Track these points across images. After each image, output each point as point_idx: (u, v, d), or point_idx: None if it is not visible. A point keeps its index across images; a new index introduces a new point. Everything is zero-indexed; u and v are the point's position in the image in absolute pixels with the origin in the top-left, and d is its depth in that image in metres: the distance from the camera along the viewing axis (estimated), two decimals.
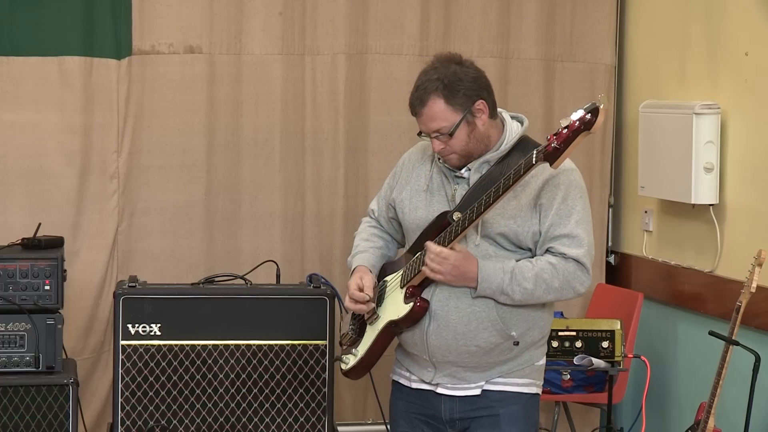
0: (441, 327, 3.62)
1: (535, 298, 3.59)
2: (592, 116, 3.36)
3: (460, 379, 3.68)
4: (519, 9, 5.34)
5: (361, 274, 3.78)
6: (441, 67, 3.60)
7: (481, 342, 3.61)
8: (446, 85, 3.56)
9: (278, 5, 5.12)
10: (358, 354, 3.84)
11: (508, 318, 3.61)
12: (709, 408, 4.24)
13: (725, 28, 4.78)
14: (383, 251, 3.90)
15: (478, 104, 3.59)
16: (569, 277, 3.58)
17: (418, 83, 3.62)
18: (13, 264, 4.43)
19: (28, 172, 4.94)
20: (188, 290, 4.56)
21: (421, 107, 3.59)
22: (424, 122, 3.61)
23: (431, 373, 3.70)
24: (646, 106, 5.08)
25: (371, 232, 3.94)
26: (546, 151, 3.40)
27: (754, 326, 4.47)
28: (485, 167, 3.62)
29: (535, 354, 3.72)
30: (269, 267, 4.82)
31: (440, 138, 3.59)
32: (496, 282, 3.55)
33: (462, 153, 3.61)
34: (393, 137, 5.27)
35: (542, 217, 3.59)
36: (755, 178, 4.62)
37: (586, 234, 3.61)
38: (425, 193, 3.72)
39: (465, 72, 3.60)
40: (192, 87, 5.07)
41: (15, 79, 4.91)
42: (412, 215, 3.73)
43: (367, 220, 3.99)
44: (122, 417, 4.48)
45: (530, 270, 3.56)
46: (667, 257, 5.11)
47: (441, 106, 3.57)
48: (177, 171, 5.09)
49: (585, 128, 3.37)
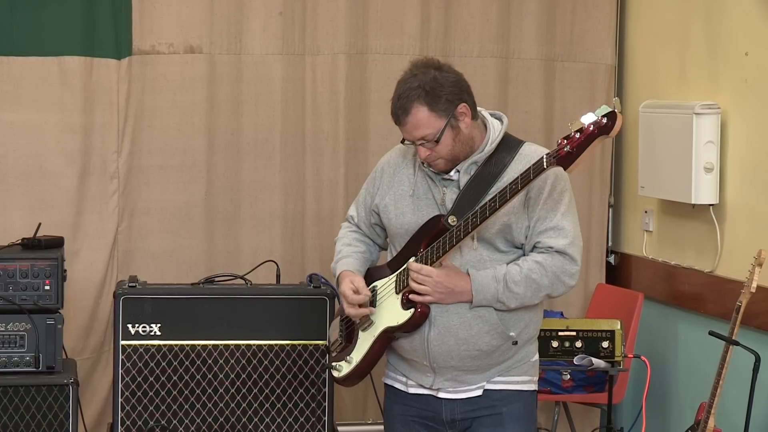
0: (442, 333, 3.60)
1: (528, 300, 3.59)
2: (609, 120, 3.34)
3: (461, 382, 3.67)
4: (519, 9, 5.34)
5: (351, 278, 3.75)
6: (420, 74, 3.58)
7: (483, 346, 3.60)
8: (428, 92, 3.54)
9: (278, 5, 5.12)
10: (352, 361, 3.78)
11: (507, 319, 3.61)
12: (709, 408, 4.24)
13: (725, 28, 4.78)
14: (366, 255, 3.87)
15: (461, 108, 3.57)
16: (558, 272, 3.58)
17: (399, 92, 3.60)
18: (13, 264, 4.43)
19: (28, 172, 4.94)
20: (188, 290, 4.56)
21: (404, 116, 3.57)
22: (409, 131, 3.59)
23: (431, 378, 3.68)
24: (646, 106, 5.08)
25: (353, 237, 3.90)
26: (558, 155, 3.38)
27: (754, 326, 4.47)
28: (473, 168, 3.61)
29: (530, 350, 3.73)
30: (269, 267, 4.82)
31: (426, 145, 3.58)
32: (491, 292, 3.55)
33: (448, 157, 3.60)
34: (393, 137, 5.21)
35: (530, 212, 3.59)
36: (755, 178, 4.62)
37: (572, 225, 3.60)
38: (411, 198, 3.69)
39: (445, 77, 3.58)
40: (192, 87, 5.07)
41: (15, 79, 4.91)
42: (399, 220, 3.70)
43: (347, 225, 3.95)
44: (122, 417, 4.48)
45: (519, 273, 3.55)
46: (667, 257, 5.11)
47: (425, 113, 3.55)
48: (177, 171, 5.09)
49: (601, 133, 3.35)
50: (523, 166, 3.54)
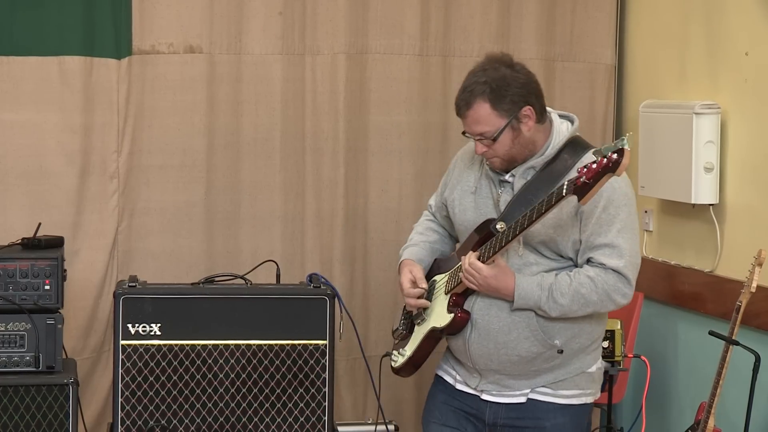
0: (482, 336, 3.60)
1: (572, 313, 3.55)
2: (618, 156, 3.28)
3: (505, 386, 3.65)
4: (519, 9, 5.34)
5: (409, 268, 3.75)
6: (491, 70, 3.53)
7: (522, 351, 3.58)
8: (493, 90, 3.50)
9: (278, 5, 5.11)
10: (405, 354, 3.84)
11: (549, 327, 3.58)
12: (709, 408, 4.24)
13: (725, 28, 4.78)
14: (436, 246, 3.87)
15: (525, 110, 3.53)
16: (609, 290, 3.54)
17: (465, 84, 3.56)
18: (13, 264, 4.43)
19: (27, 171, 4.94)
20: (188, 290, 4.56)
21: (466, 109, 3.54)
22: (468, 124, 3.57)
23: (476, 379, 3.69)
24: (646, 106, 5.08)
25: (427, 226, 3.92)
26: (576, 184, 3.33)
27: (754, 326, 4.47)
28: (530, 173, 3.57)
29: (585, 360, 3.68)
30: (269, 267, 4.82)
31: (484, 141, 3.54)
32: (533, 299, 3.53)
33: (505, 157, 3.56)
34: (393, 137, 5.27)
35: (583, 226, 3.54)
36: (755, 178, 4.62)
37: (628, 244, 3.55)
38: (473, 196, 3.68)
39: (514, 77, 3.54)
40: (192, 87, 5.07)
41: (15, 79, 4.91)
42: (462, 217, 3.71)
43: (426, 214, 3.98)
44: (122, 417, 4.48)
45: (568, 285, 3.52)
46: (667, 257, 5.11)
47: (486, 110, 3.51)
48: (177, 171, 5.08)
49: (610, 169, 3.29)
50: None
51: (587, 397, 3.71)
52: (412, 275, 3.72)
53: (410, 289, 3.71)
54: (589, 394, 3.72)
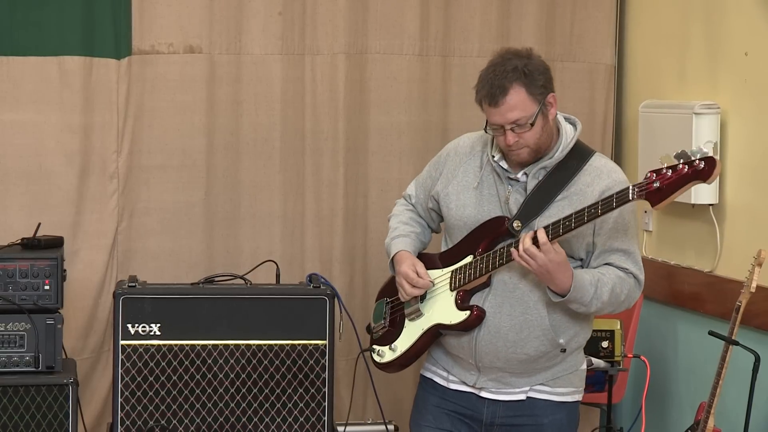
0: (492, 334, 3.57)
1: (603, 309, 3.56)
2: (706, 165, 3.23)
3: (505, 383, 3.64)
4: (519, 9, 5.34)
5: (413, 261, 3.71)
6: (515, 59, 3.51)
7: (530, 350, 3.57)
8: (526, 74, 3.47)
9: (278, 5, 5.11)
10: (396, 350, 3.78)
11: (558, 325, 3.57)
12: (709, 408, 4.24)
13: (725, 28, 4.78)
14: (421, 238, 3.83)
15: (550, 97, 3.52)
16: (630, 293, 3.57)
17: (493, 74, 3.49)
18: (12, 264, 4.43)
19: (27, 172, 4.94)
20: (188, 290, 4.56)
21: (503, 96, 3.46)
22: (503, 113, 3.47)
23: (474, 376, 3.66)
24: (646, 106, 5.08)
25: (410, 216, 3.86)
26: (648, 189, 3.30)
27: (754, 326, 4.47)
28: (542, 173, 3.55)
29: (578, 358, 3.69)
30: (269, 267, 4.82)
31: (516, 130, 3.48)
32: (587, 297, 3.51)
33: (534, 147, 3.51)
34: (393, 137, 5.27)
35: (597, 228, 3.53)
36: (755, 178, 4.62)
37: (638, 252, 3.61)
38: (475, 191, 3.63)
39: (538, 64, 3.53)
40: (192, 87, 5.07)
41: (15, 79, 4.91)
42: (460, 212, 3.64)
43: (404, 203, 3.91)
44: (122, 417, 4.48)
45: (608, 283, 3.52)
46: (667, 257, 5.11)
47: (522, 94, 3.47)
48: (177, 171, 5.08)
49: (697, 178, 3.25)
50: (592, 179, 3.50)
51: (578, 395, 3.74)
52: (416, 268, 3.69)
53: (418, 278, 3.67)
54: (580, 392, 3.74)
